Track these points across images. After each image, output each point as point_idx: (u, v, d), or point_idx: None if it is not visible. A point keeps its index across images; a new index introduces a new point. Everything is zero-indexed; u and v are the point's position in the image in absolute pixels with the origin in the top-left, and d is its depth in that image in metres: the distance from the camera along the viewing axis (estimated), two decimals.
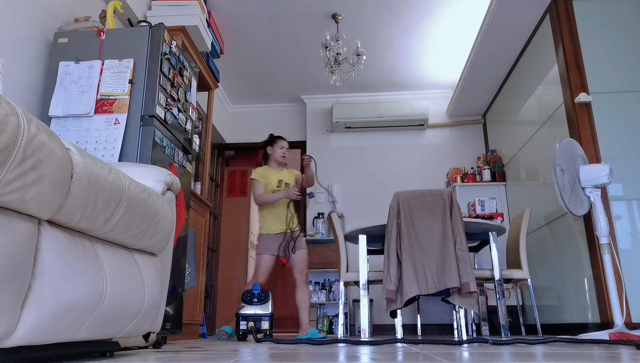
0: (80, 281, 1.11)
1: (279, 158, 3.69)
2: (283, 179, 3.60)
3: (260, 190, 3.51)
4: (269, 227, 3.49)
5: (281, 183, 3.56)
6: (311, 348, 1.86)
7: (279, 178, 3.59)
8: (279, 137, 3.74)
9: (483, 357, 1.28)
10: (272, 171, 3.64)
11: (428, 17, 4.28)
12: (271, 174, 3.61)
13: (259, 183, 3.53)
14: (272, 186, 3.53)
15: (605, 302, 2.90)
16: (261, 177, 3.58)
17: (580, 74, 3.31)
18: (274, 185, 3.54)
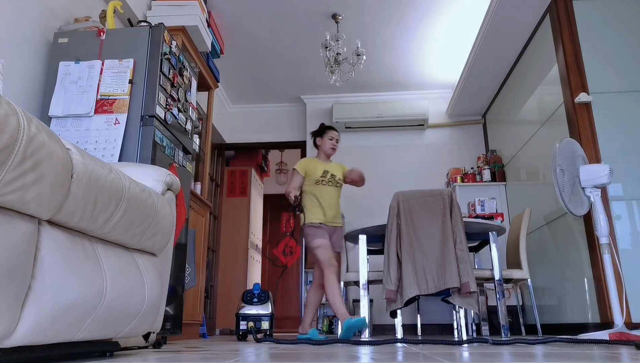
0: (80, 281, 1.11)
1: (328, 150, 3.47)
2: (329, 170, 3.39)
3: (295, 183, 3.34)
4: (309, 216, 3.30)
5: (326, 174, 3.36)
6: (311, 348, 1.86)
7: (325, 168, 3.39)
8: (330, 128, 3.53)
9: (483, 357, 1.28)
10: (318, 161, 3.45)
11: (428, 17, 4.28)
12: (316, 164, 3.41)
13: (297, 176, 3.36)
14: (316, 176, 3.34)
15: (605, 302, 2.90)
16: (303, 168, 3.38)
17: (580, 74, 3.31)
18: (318, 175, 3.34)
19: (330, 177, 3.37)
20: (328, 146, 3.45)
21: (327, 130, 3.49)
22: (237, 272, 5.97)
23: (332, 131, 3.49)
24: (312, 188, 3.33)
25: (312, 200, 3.31)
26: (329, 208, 3.32)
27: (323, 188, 3.33)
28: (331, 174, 3.38)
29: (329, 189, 3.36)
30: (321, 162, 3.44)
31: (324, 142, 3.47)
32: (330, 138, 3.45)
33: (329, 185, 3.36)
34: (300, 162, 3.43)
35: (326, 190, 3.34)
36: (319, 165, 3.39)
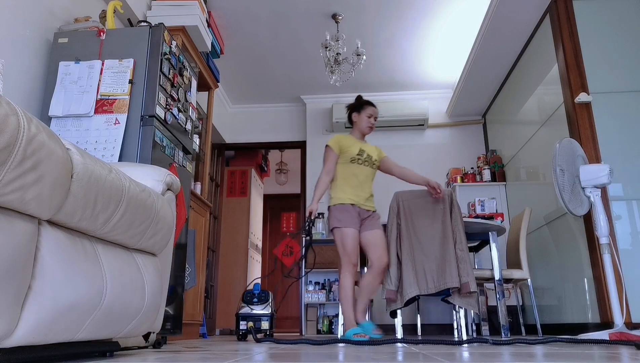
0: (80, 281, 1.11)
1: (365, 128, 3.10)
2: (366, 149, 3.07)
3: (331, 162, 3.02)
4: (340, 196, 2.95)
5: (362, 153, 3.03)
6: (311, 348, 1.86)
7: (361, 147, 3.05)
8: (369, 103, 3.13)
9: (483, 357, 1.28)
10: (353, 139, 3.10)
11: (428, 17, 4.28)
12: (352, 141, 3.07)
13: (331, 154, 3.02)
14: (351, 154, 3.01)
15: (605, 302, 2.90)
16: (337, 144, 3.04)
17: (580, 74, 3.31)
18: (353, 153, 3.01)
19: (367, 157, 3.05)
20: (365, 124, 3.09)
21: (365, 105, 3.12)
22: (237, 272, 5.97)
23: (371, 107, 3.11)
24: (346, 167, 3.02)
25: (345, 180, 3.00)
26: (363, 189, 3.01)
27: (358, 168, 3.02)
28: (367, 154, 3.06)
29: (364, 169, 3.03)
30: (356, 140, 3.10)
31: (360, 119, 3.11)
32: (368, 115, 3.09)
33: (364, 164, 3.04)
34: (334, 139, 3.08)
35: (361, 170, 3.02)
36: (354, 143, 3.06)
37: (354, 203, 2.93)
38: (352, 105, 3.18)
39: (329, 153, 3.05)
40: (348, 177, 2.99)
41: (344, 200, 2.93)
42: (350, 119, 3.16)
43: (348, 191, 2.96)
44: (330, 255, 5.07)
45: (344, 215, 2.88)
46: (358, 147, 3.04)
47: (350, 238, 2.84)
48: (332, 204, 2.97)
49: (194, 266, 3.04)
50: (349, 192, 2.96)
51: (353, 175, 3.00)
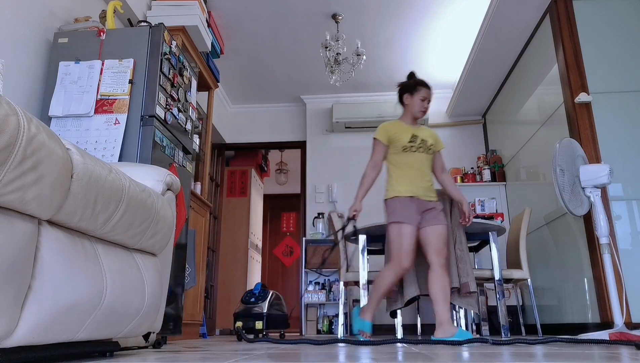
0: (80, 281, 1.11)
1: (417, 112, 2.80)
2: (419, 134, 2.78)
3: (378, 155, 2.77)
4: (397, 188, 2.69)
5: (416, 139, 2.75)
6: (311, 348, 1.86)
7: (413, 133, 2.77)
8: (422, 84, 2.81)
9: (483, 357, 1.28)
10: (403, 124, 2.81)
11: (428, 17, 4.28)
12: (401, 127, 2.79)
13: (378, 146, 2.77)
14: (402, 142, 2.73)
15: (605, 302, 2.90)
16: (385, 135, 2.77)
17: (580, 74, 3.31)
18: (405, 140, 2.73)
19: (421, 143, 2.76)
20: (417, 108, 2.79)
21: (419, 87, 2.81)
22: (237, 272, 5.97)
23: (425, 89, 2.81)
24: (399, 157, 2.74)
25: (400, 170, 2.73)
26: (421, 179, 2.73)
27: (412, 156, 2.73)
28: (421, 139, 2.77)
29: (420, 157, 2.75)
30: (407, 125, 2.81)
31: (413, 102, 2.80)
32: (422, 98, 2.78)
33: (419, 151, 2.75)
34: (381, 129, 2.80)
35: (417, 158, 2.73)
36: (404, 129, 2.78)
37: (414, 196, 2.67)
38: (404, 84, 2.86)
39: (376, 145, 2.79)
40: (403, 167, 2.73)
41: (402, 192, 2.67)
42: (401, 100, 2.86)
43: (405, 182, 2.70)
44: (330, 256, 5.06)
45: (404, 210, 2.62)
46: (409, 133, 2.76)
47: (408, 238, 2.58)
48: (389, 197, 2.71)
49: (194, 266, 3.04)
50: (407, 183, 2.69)
51: (408, 165, 2.72)
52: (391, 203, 2.68)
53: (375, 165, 2.76)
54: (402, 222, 2.59)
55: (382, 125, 2.82)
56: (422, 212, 2.68)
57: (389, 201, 2.71)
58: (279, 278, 8.24)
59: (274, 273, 8.25)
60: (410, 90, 2.82)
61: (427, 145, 2.77)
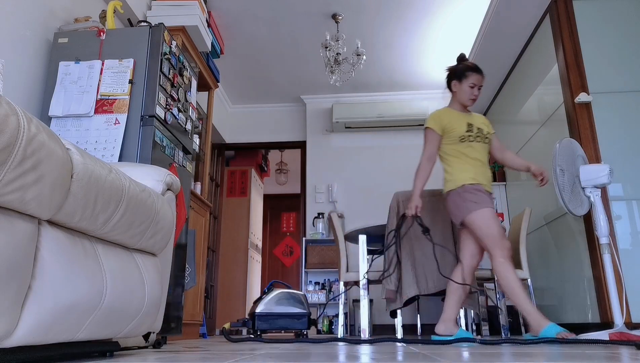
0: (80, 281, 1.11)
1: (467, 100, 2.64)
2: (474, 123, 2.62)
3: (432, 145, 2.60)
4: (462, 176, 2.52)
5: (472, 128, 2.59)
6: (311, 348, 1.86)
7: (468, 121, 2.61)
8: (473, 69, 2.62)
9: (483, 357, 1.28)
10: (455, 112, 2.65)
11: (428, 17, 4.28)
12: (455, 116, 2.62)
13: (432, 136, 2.60)
14: (458, 132, 2.56)
15: (605, 302, 2.90)
16: (439, 124, 2.60)
17: (580, 74, 3.31)
18: (461, 130, 2.56)
19: (478, 132, 2.59)
20: (467, 96, 2.63)
21: (468, 72, 2.62)
22: (237, 272, 5.97)
23: (475, 75, 2.61)
24: (455, 147, 2.58)
25: (459, 160, 2.56)
26: (483, 169, 2.55)
27: (470, 147, 2.56)
28: (477, 128, 2.61)
29: (478, 147, 2.58)
30: (460, 113, 2.65)
31: (461, 89, 2.64)
32: (471, 84, 2.61)
33: (477, 141, 2.58)
34: (433, 117, 2.63)
35: (474, 149, 2.56)
36: (458, 118, 2.61)
37: (479, 183, 2.50)
38: (452, 69, 2.69)
39: (429, 135, 2.61)
40: (462, 158, 2.56)
41: (469, 180, 2.49)
42: (449, 86, 2.70)
43: (471, 170, 2.52)
44: (330, 256, 5.06)
45: (477, 195, 2.43)
46: (464, 122, 2.60)
47: (495, 219, 2.39)
48: (455, 187, 2.51)
49: (194, 266, 3.04)
50: (473, 171, 2.52)
51: (465, 155, 2.56)
52: (460, 193, 2.47)
53: (430, 157, 2.59)
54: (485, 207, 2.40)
55: (434, 113, 2.65)
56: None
57: (454, 192, 2.50)
58: (279, 278, 8.24)
59: (274, 273, 8.25)
60: (458, 77, 2.65)
61: (483, 133, 2.61)
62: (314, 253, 5.09)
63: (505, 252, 2.36)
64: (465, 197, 2.45)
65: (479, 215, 2.40)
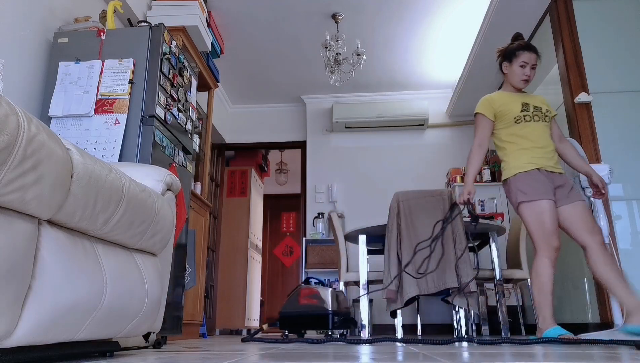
0: (80, 281, 1.11)
1: (518, 82, 2.49)
2: (530, 101, 2.46)
3: (483, 131, 2.46)
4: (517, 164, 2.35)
5: (528, 108, 2.43)
6: (311, 347, 1.86)
7: (523, 100, 2.45)
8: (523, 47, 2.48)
9: (483, 357, 1.28)
10: (508, 94, 2.50)
11: (428, 17, 4.28)
12: (508, 97, 2.47)
13: (483, 122, 2.47)
14: (513, 113, 2.41)
15: (605, 302, 2.90)
16: (490, 108, 2.46)
17: (580, 74, 3.31)
18: (515, 110, 2.41)
19: (535, 110, 2.43)
20: (518, 77, 2.48)
21: (518, 52, 2.48)
22: (237, 272, 5.97)
23: (525, 53, 2.46)
24: (511, 130, 2.43)
25: (514, 146, 2.40)
26: (543, 151, 2.37)
27: (527, 127, 2.40)
28: (534, 106, 2.44)
29: (537, 126, 2.40)
30: (513, 94, 2.50)
31: (511, 70, 2.50)
32: (521, 63, 2.46)
33: (535, 120, 2.41)
34: (484, 102, 2.49)
35: (533, 128, 2.39)
36: (512, 99, 2.46)
37: (540, 168, 2.33)
38: (502, 50, 2.56)
39: (480, 121, 2.47)
40: (518, 141, 2.40)
41: (525, 166, 2.33)
42: (501, 69, 2.59)
43: (526, 154, 2.36)
44: (330, 256, 5.06)
45: (532, 184, 2.28)
46: (519, 101, 2.44)
47: (548, 213, 2.24)
48: (510, 176, 2.38)
49: (194, 266, 3.04)
50: (528, 155, 2.35)
51: (523, 137, 2.39)
52: (514, 182, 2.34)
53: (482, 144, 2.45)
54: (535, 199, 2.25)
55: (485, 97, 2.51)
56: (555, 187, 2.33)
57: (510, 181, 2.37)
58: (279, 278, 8.24)
59: (274, 273, 8.25)
60: (508, 57, 2.52)
61: (542, 111, 2.43)
62: (314, 253, 5.09)
63: (550, 251, 2.26)
64: (516, 187, 2.33)
65: (527, 209, 2.29)
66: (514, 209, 2.43)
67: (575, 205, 2.31)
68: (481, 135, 2.46)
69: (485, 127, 2.46)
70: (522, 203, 2.31)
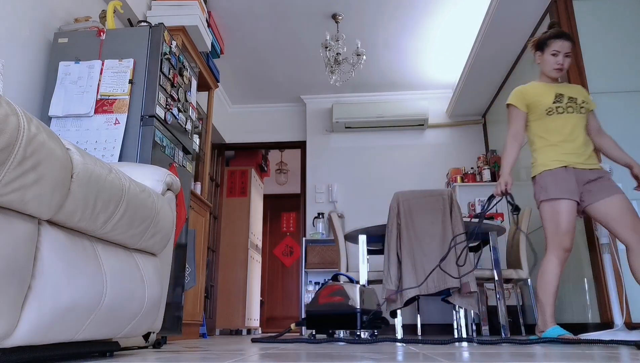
0: (80, 281, 1.11)
1: (550, 72, 2.43)
2: (565, 92, 2.39)
3: (517, 123, 2.42)
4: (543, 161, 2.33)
5: (561, 98, 2.37)
6: (311, 347, 1.86)
7: (557, 91, 2.39)
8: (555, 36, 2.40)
9: (483, 357, 1.28)
10: (544, 85, 2.44)
11: (428, 17, 4.28)
12: (541, 88, 2.42)
13: (515, 113, 2.43)
14: (545, 104, 2.37)
15: (605, 302, 2.90)
16: (522, 99, 2.43)
17: (580, 74, 3.31)
18: (548, 102, 2.37)
19: (569, 101, 2.36)
20: (550, 66, 2.42)
21: (550, 40, 2.41)
22: (237, 272, 5.97)
23: (557, 41, 2.39)
24: (543, 123, 2.39)
25: (542, 141, 2.37)
26: (575, 145, 2.31)
27: (560, 119, 2.35)
28: (569, 97, 2.38)
29: (570, 118, 2.34)
30: (547, 85, 2.44)
31: (544, 61, 2.45)
32: (553, 52, 2.39)
33: (568, 111, 2.35)
34: (516, 93, 2.45)
35: (566, 120, 2.34)
36: (545, 89, 2.41)
37: (567, 165, 2.29)
38: (535, 41, 2.50)
39: (512, 112, 2.45)
40: (548, 135, 2.36)
41: (550, 164, 2.30)
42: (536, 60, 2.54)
43: (552, 151, 2.33)
44: (330, 255, 5.06)
45: (554, 183, 2.26)
46: (552, 92, 2.39)
47: (565, 213, 2.21)
48: (536, 174, 2.38)
49: (194, 266, 3.04)
50: (556, 152, 2.31)
51: (555, 130, 2.34)
52: (539, 181, 2.33)
53: (516, 135, 2.42)
54: (555, 198, 2.23)
55: (518, 88, 2.47)
56: (584, 183, 2.27)
57: (536, 178, 2.37)
58: (279, 278, 8.24)
59: (274, 273, 8.26)
60: (540, 47, 2.46)
61: (577, 102, 2.36)
62: (314, 253, 5.09)
63: (560, 251, 2.22)
64: (539, 185, 2.34)
65: (546, 206, 2.30)
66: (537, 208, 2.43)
67: (614, 199, 2.23)
68: (514, 126, 2.44)
69: (517, 118, 2.44)
70: (542, 202, 2.31)
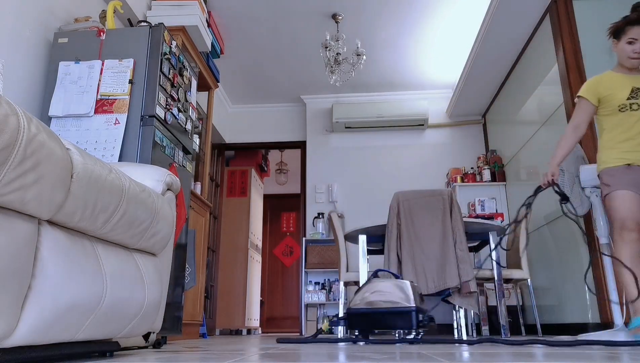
0: (80, 281, 1.11)
1: (626, 61, 2.31)
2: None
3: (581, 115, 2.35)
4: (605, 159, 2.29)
5: (637, 94, 2.26)
6: (310, 347, 1.86)
7: (634, 85, 2.27)
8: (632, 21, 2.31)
9: (483, 357, 1.28)
10: (618, 76, 2.33)
11: (428, 17, 4.28)
12: (616, 80, 2.31)
13: (583, 106, 2.35)
14: (618, 100, 2.27)
15: (605, 302, 2.90)
16: (594, 92, 2.33)
17: (580, 74, 3.31)
18: (622, 97, 2.26)
19: None
20: (625, 54, 2.31)
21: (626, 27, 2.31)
22: (237, 272, 5.97)
23: (634, 28, 2.28)
24: (613, 118, 2.30)
25: (609, 136, 2.30)
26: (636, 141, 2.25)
27: (632, 116, 2.25)
28: None
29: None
30: (624, 76, 2.32)
31: (619, 49, 2.33)
32: (629, 40, 2.28)
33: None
34: (589, 84, 2.36)
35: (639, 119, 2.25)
36: (621, 82, 2.30)
37: (631, 163, 2.22)
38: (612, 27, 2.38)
39: (581, 104, 2.36)
40: (616, 130, 2.28)
41: (613, 161, 2.26)
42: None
43: (617, 149, 2.26)
44: (330, 255, 5.06)
45: (616, 177, 2.23)
46: (628, 86, 2.27)
47: (620, 200, 2.18)
48: (600, 170, 2.33)
49: (194, 266, 3.04)
50: (620, 149, 2.25)
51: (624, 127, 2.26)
52: (602, 177, 2.29)
53: (577, 127, 2.34)
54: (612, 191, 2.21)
55: (593, 78, 2.38)
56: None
57: (600, 175, 2.32)
58: (279, 278, 8.24)
59: (274, 273, 8.25)
60: (616, 35, 2.36)
61: None
62: (314, 253, 5.09)
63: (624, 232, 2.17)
64: (602, 181, 2.30)
65: (608, 199, 2.25)
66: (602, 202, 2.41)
67: None
68: (578, 118, 2.36)
69: (584, 111, 2.35)
70: (606, 196, 2.28)
